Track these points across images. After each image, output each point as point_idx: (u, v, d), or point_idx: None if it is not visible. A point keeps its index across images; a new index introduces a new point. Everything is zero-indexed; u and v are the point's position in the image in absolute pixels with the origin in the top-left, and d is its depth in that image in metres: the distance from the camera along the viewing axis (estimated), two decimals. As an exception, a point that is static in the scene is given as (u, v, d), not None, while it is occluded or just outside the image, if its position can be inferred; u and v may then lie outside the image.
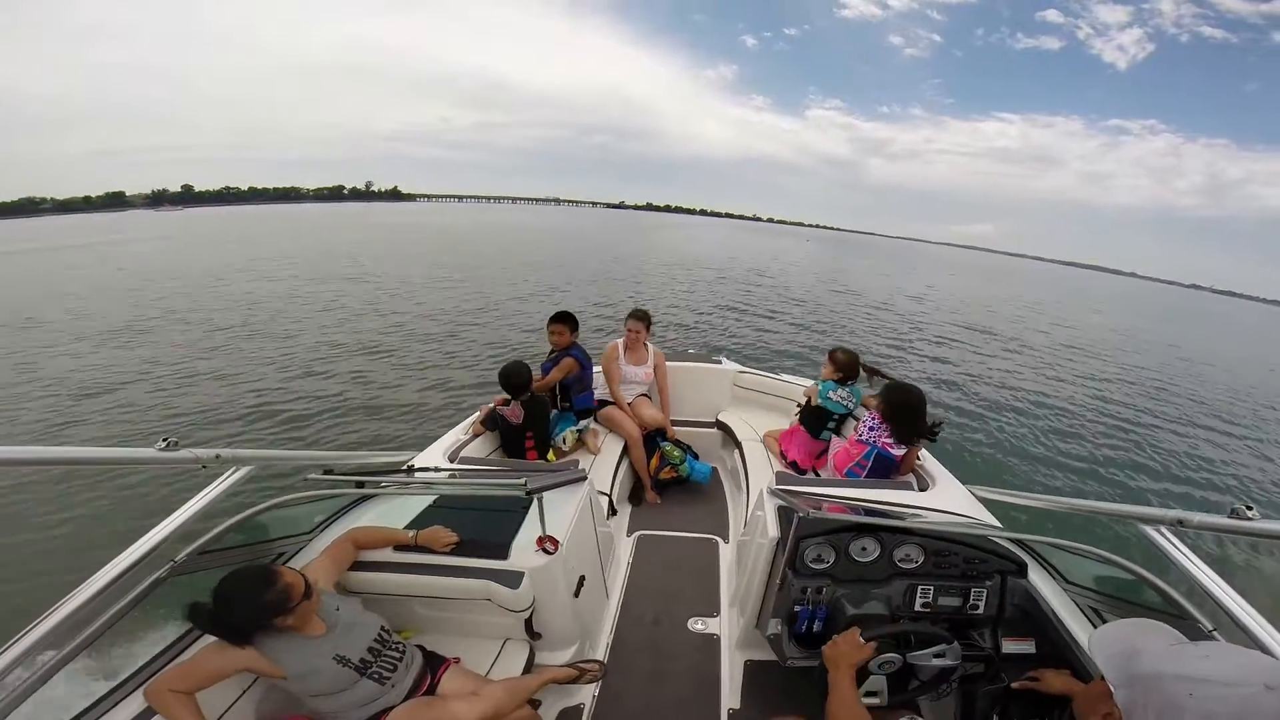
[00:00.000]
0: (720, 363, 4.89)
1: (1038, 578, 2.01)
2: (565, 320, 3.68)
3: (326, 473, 2.16)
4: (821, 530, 1.94)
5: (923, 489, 2.67)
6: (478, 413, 3.41)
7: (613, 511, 3.41)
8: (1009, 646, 1.86)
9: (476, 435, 3.25)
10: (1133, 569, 1.76)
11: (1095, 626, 1.79)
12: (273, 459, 1.89)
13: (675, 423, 4.44)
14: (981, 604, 1.90)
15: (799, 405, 3.67)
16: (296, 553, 2.15)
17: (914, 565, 1.95)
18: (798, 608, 1.95)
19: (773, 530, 2.09)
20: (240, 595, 1.57)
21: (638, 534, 3.44)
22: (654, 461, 3.88)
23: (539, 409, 3.48)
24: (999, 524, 2.30)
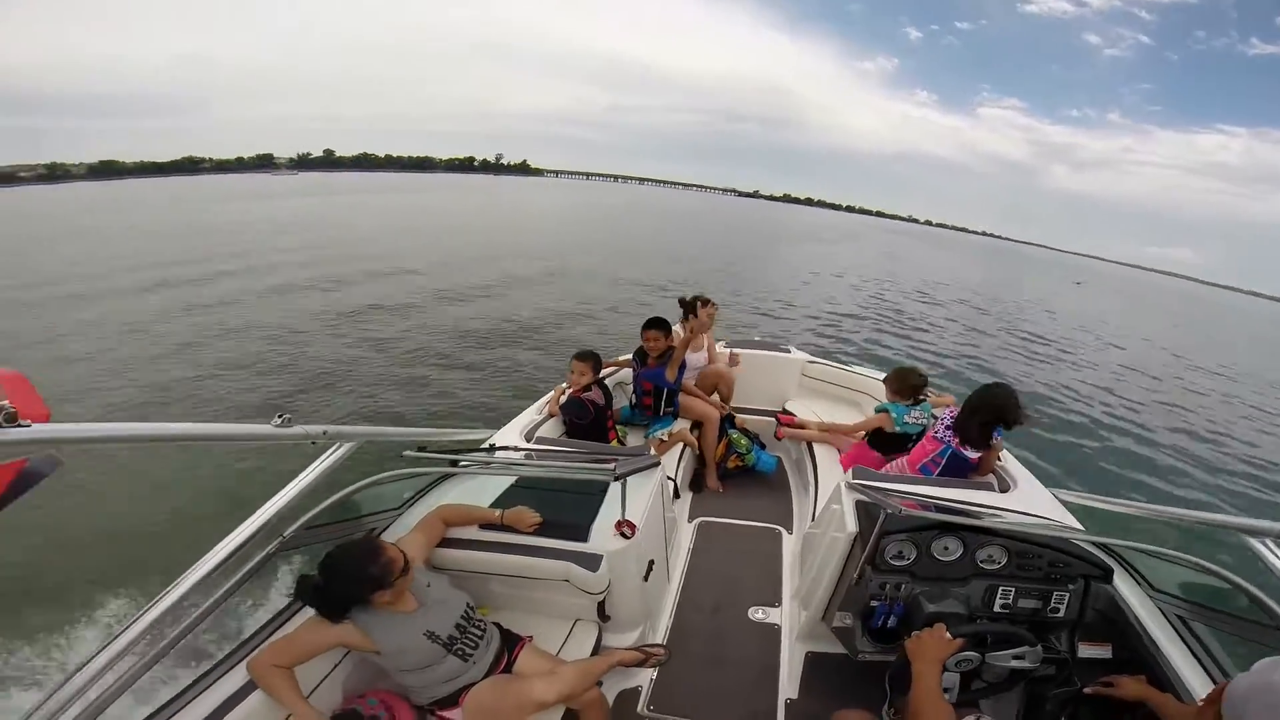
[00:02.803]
0: (789, 351, 4.90)
1: (1122, 583, 2.00)
2: (660, 325, 3.71)
3: (420, 449, 2.30)
4: (907, 527, 1.95)
5: (1003, 490, 2.64)
6: (550, 394, 3.57)
7: (675, 497, 3.48)
8: (1085, 650, 1.90)
9: (550, 416, 3.41)
10: (1233, 579, 1.73)
11: (1181, 635, 1.82)
12: (372, 435, 1.99)
13: (740, 410, 4.47)
14: (1063, 607, 1.94)
15: (864, 433, 3.53)
16: (386, 528, 2.29)
17: (996, 566, 1.98)
18: (874, 603, 2.00)
19: (851, 525, 2.11)
20: (347, 568, 1.68)
21: (699, 520, 3.54)
22: (720, 449, 3.95)
23: (608, 395, 3.64)
24: (1082, 528, 2.25)
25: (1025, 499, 2.49)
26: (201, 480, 5.43)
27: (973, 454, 2.82)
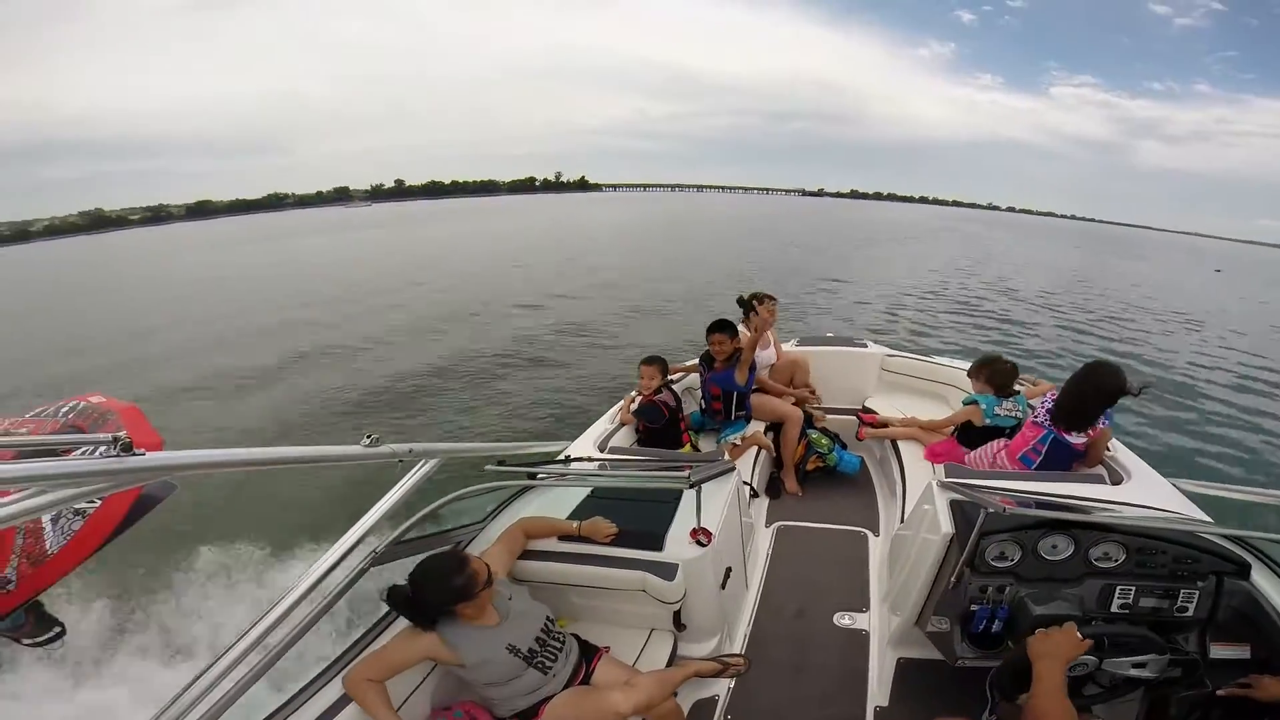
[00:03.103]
0: (865, 346, 4.72)
1: (1262, 578, 1.82)
2: (725, 329, 3.67)
3: (500, 464, 2.37)
4: (1010, 526, 1.84)
5: (1115, 482, 2.46)
6: (621, 402, 3.62)
7: (753, 499, 3.43)
8: (1218, 651, 1.74)
9: (623, 424, 3.46)
10: None
11: None
12: (454, 451, 2.04)
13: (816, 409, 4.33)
14: (1191, 606, 1.80)
15: (955, 414, 3.38)
16: (471, 541, 2.37)
17: (1113, 564, 1.85)
18: (975, 607, 1.90)
19: (945, 525, 2.01)
20: (434, 579, 1.75)
21: (777, 525, 3.45)
22: (799, 451, 3.83)
23: (678, 396, 3.65)
24: (1211, 520, 2.09)
25: (1141, 491, 2.33)
26: (296, 500, 5.86)
27: (1077, 439, 2.64)
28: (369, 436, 1.56)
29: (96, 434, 1.02)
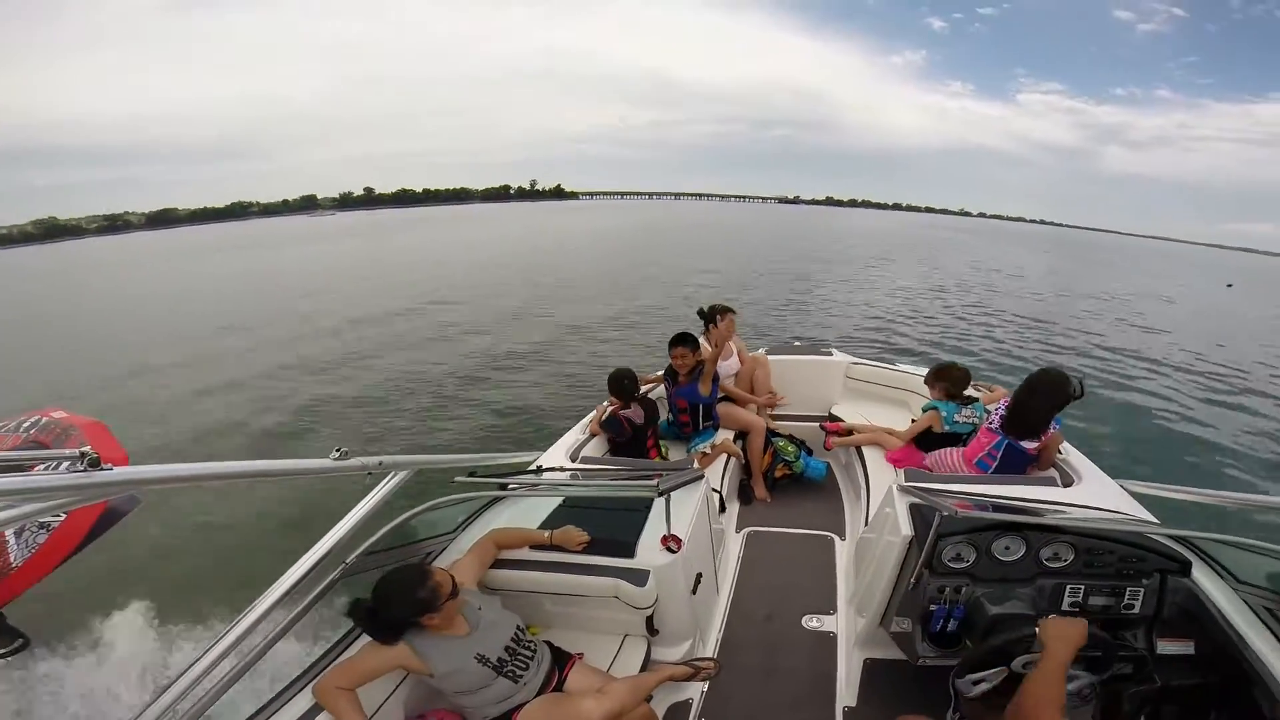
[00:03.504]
0: (831, 354, 4.88)
1: (1203, 576, 1.92)
2: (686, 342, 3.73)
3: (471, 475, 2.40)
4: (965, 529, 1.92)
5: (1066, 484, 2.57)
6: (593, 413, 3.66)
7: (722, 508, 3.50)
8: (1165, 647, 1.84)
9: (594, 435, 3.51)
10: None
11: (1270, 627, 1.76)
12: (424, 463, 2.09)
13: (784, 417, 4.49)
14: (1137, 604, 1.89)
15: (917, 421, 3.48)
16: (441, 552, 2.40)
17: (1063, 564, 1.93)
18: (933, 607, 1.97)
19: (905, 528, 2.08)
20: (396, 592, 1.76)
21: (747, 530, 3.54)
22: (766, 458, 3.93)
23: (653, 409, 3.70)
24: (1156, 521, 2.20)
25: (1091, 493, 2.44)
26: (265, 513, 5.85)
27: (1029, 445, 2.77)
28: (338, 450, 1.60)
29: (61, 449, 1.05)
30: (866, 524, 2.92)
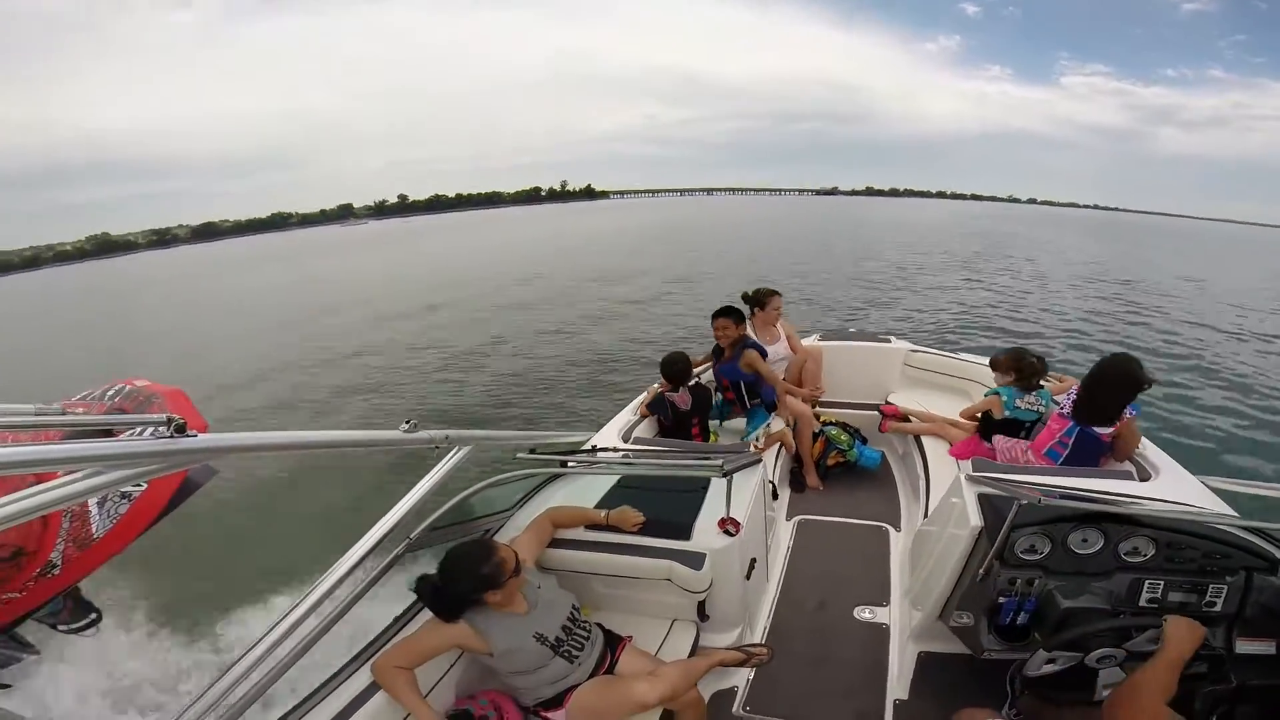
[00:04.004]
0: (889, 341, 4.80)
1: None
2: (730, 314, 3.77)
3: (531, 452, 2.45)
4: (1041, 519, 1.90)
5: (1143, 479, 2.49)
6: (644, 394, 3.71)
7: (775, 496, 3.48)
8: (1243, 646, 1.79)
9: (643, 417, 3.54)
10: None
11: None
12: (488, 438, 2.14)
13: (839, 405, 4.46)
14: (1219, 601, 1.86)
15: (978, 416, 3.41)
16: (500, 529, 2.45)
17: (1142, 559, 1.90)
18: (1002, 599, 1.96)
19: (974, 519, 2.05)
20: (462, 568, 1.79)
21: (798, 519, 3.53)
22: (818, 447, 3.90)
23: (704, 396, 3.70)
24: (1238, 515, 2.09)
25: (1170, 487, 2.36)
26: (335, 489, 6.24)
27: (1104, 430, 2.68)
28: (408, 421, 1.63)
29: (144, 415, 1.06)
30: (926, 516, 2.88)
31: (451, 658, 1.99)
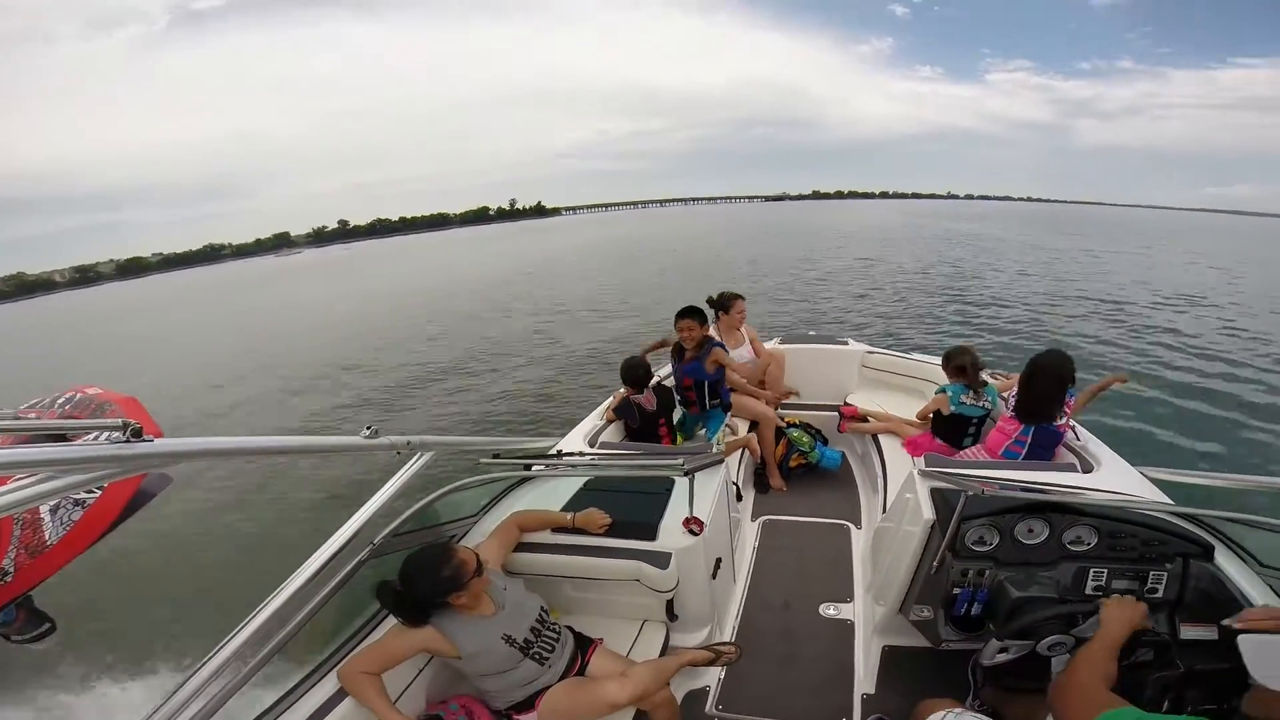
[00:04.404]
0: (846, 343, 4.97)
1: (1225, 560, 1.97)
2: (693, 315, 3.80)
3: (495, 457, 2.46)
4: (988, 510, 1.99)
5: (1086, 470, 2.64)
6: (608, 400, 3.77)
7: (739, 497, 3.59)
8: (1188, 632, 1.86)
9: (609, 422, 3.60)
10: None
11: None
12: (451, 444, 2.15)
13: (800, 407, 4.61)
14: (1160, 588, 1.94)
15: (929, 415, 3.60)
16: (465, 534, 2.47)
17: (1085, 548, 1.99)
18: (956, 590, 2.03)
19: (927, 512, 2.14)
20: (422, 572, 1.80)
21: (763, 519, 3.63)
22: (780, 448, 4.02)
23: (668, 396, 3.81)
24: (1174, 504, 2.24)
25: (1111, 478, 2.50)
26: (286, 494, 6.35)
27: (1059, 422, 2.86)
28: (369, 428, 1.65)
29: (100, 420, 1.05)
30: (884, 512, 2.99)
31: (420, 662, 1.99)
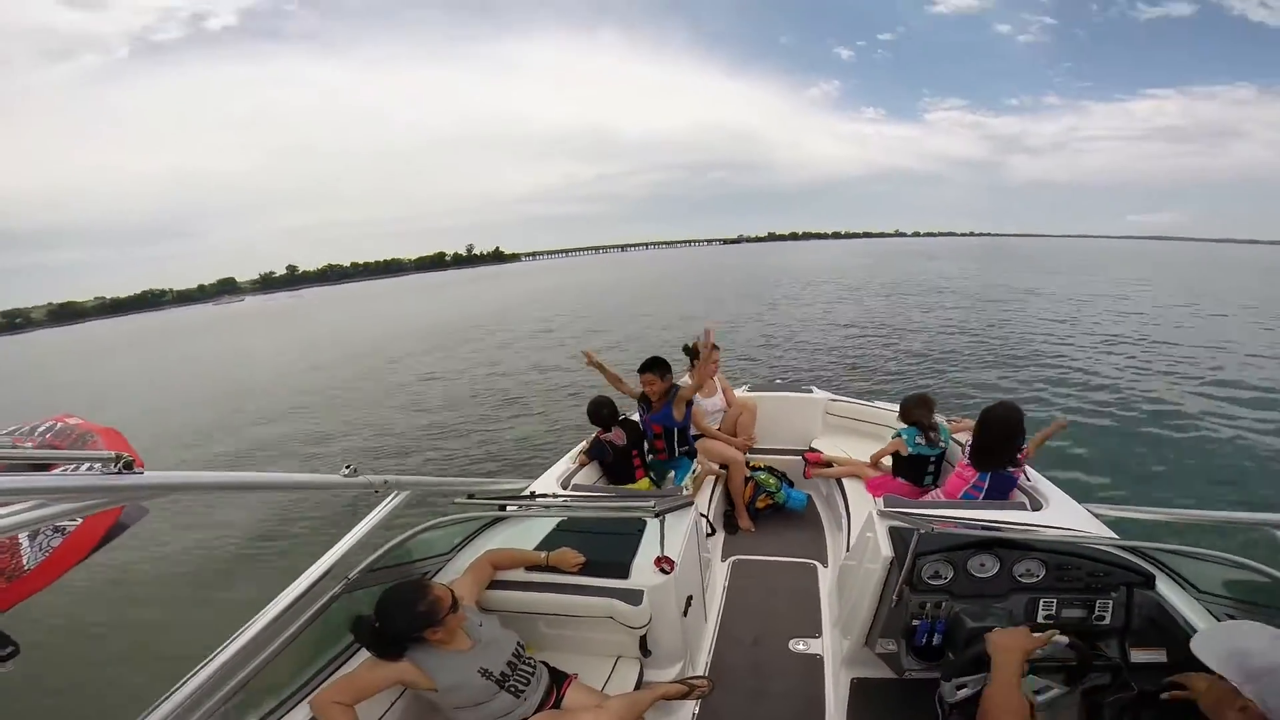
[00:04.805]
0: (811, 391, 5.26)
1: (1166, 588, 2.14)
2: (654, 368, 4.00)
3: (470, 497, 2.57)
4: (941, 547, 2.14)
5: (1036, 508, 2.83)
6: (583, 443, 3.93)
7: (711, 534, 3.74)
8: (1138, 656, 2.03)
9: (582, 465, 3.75)
10: (1269, 572, 1.86)
11: None
12: (426, 484, 2.26)
13: (767, 451, 4.82)
14: (1108, 615, 2.09)
15: (893, 453, 3.80)
16: (438, 571, 2.54)
17: (1035, 580, 2.14)
18: (916, 622, 2.16)
19: (885, 550, 2.28)
20: (398, 607, 1.86)
21: (733, 559, 3.75)
22: (748, 490, 4.18)
23: (636, 430, 3.99)
24: (1116, 537, 2.43)
25: (1059, 515, 2.69)
26: (272, 529, 6.53)
27: (1013, 469, 3.05)
28: (348, 466, 1.73)
29: (89, 450, 1.09)
30: (848, 550, 3.12)
31: (394, 694, 2.01)
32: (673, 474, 4.09)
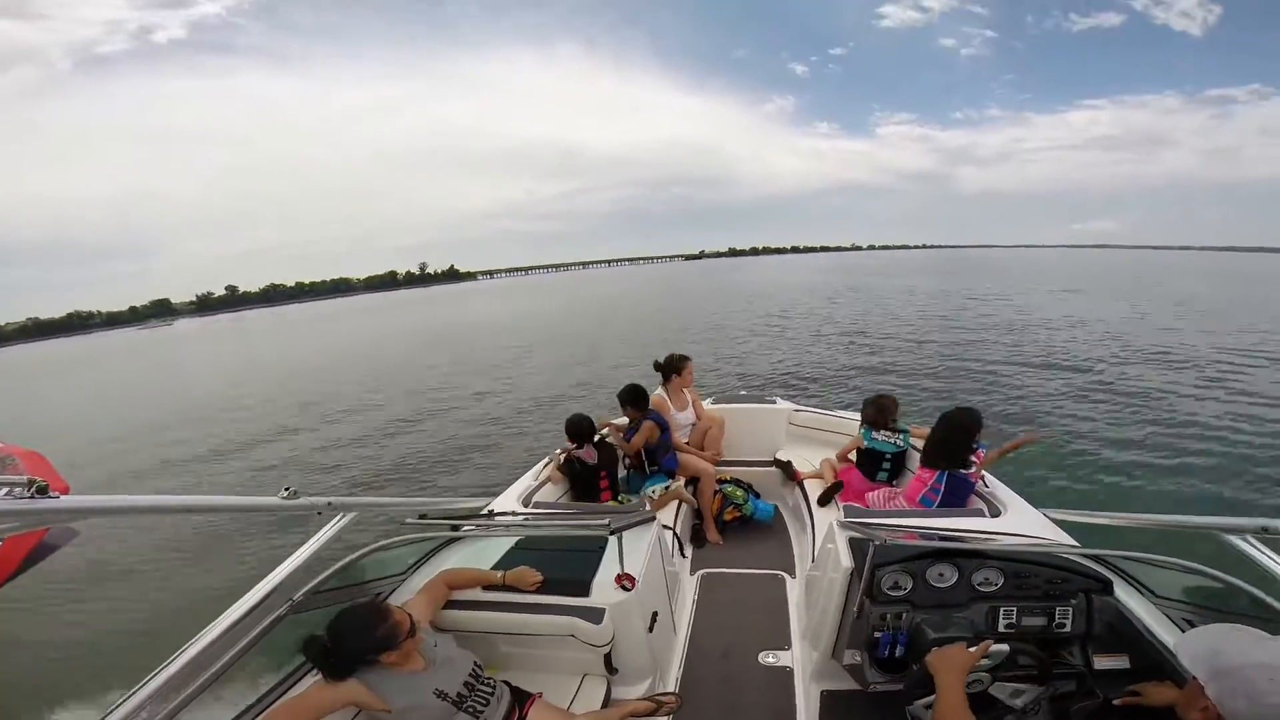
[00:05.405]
0: (774, 402, 5.38)
1: (1124, 594, 2.18)
2: (633, 401, 4.20)
3: (421, 518, 2.55)
4: (898, 558, 2.15)
5: (994, 515, 2.88)
6: (546, 459, 3.95)
7: (683, 552, 3.78)
8: (1101, 663, 2.06)
9: (549, 481, 3.75)
10: (1221, 576, 1.89)
11: None
12: (373, 505, 2.25)
13: (733, 463, 4.88)
14: (1068, 622, 2.10)
15: (853, 454, 4.02)
16: (392, 592, 2.49)
17: (994, 588, 2.16)
18: (878, 634, 2.16)
19: (846, 561, 2.30)
20: (355, 630, 1.82)
21: (701, 572, 3.77)
22: (715, 503, 4.24)
23: (610, 451, 4.06)
24: (1076, 544, 2.48)
25: (1016, 521, 2.76)
26: (211, 553, 6.42)
27: (969, 471, 3.15)
28: (287, 489, 1.70)
29: (2, 476, 1.06)
30: (813, 560, 3.16)
31: (348, 716, 1.96)
32: (651, 490, 4.16)
